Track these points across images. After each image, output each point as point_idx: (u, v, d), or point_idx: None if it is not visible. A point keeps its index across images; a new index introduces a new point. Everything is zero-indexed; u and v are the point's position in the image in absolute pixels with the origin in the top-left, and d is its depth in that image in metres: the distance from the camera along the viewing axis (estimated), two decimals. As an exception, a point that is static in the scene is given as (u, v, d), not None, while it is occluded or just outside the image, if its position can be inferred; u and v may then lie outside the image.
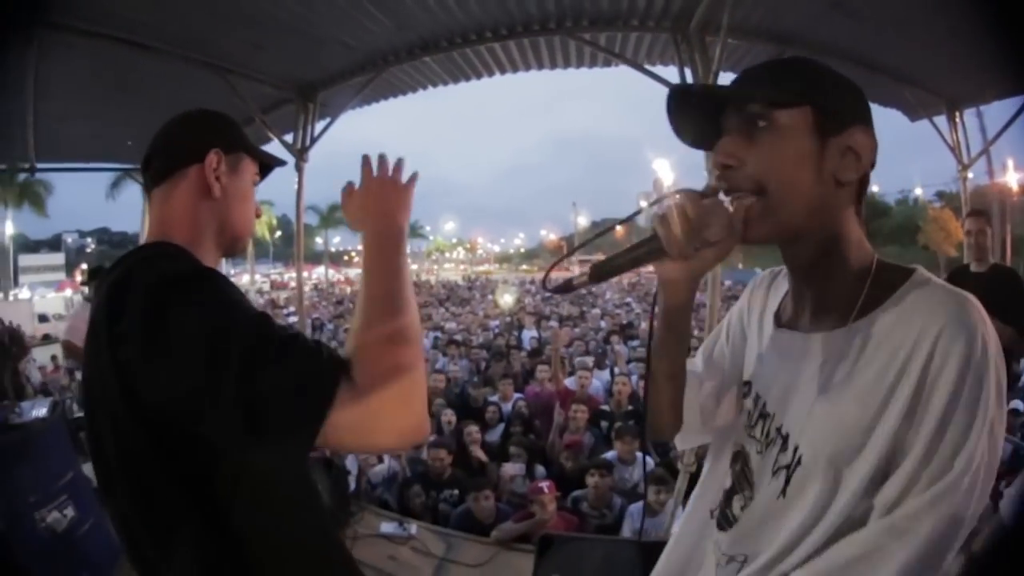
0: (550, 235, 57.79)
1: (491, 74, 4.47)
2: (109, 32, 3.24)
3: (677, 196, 0.73)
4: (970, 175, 5.13)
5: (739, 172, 0.73)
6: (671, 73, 3.60)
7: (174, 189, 0.94)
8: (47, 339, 14.49)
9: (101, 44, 3.28)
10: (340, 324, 11.39)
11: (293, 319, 12.36)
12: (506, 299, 15.05)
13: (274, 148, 4.53)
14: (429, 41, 3.83)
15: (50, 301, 22.17)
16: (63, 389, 6.81)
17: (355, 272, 41.46)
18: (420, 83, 4.67)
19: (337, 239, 42.55)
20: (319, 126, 4.58)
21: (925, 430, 0.63)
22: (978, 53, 3.34)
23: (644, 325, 9.49)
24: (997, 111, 5.02)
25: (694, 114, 0.80)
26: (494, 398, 5.39)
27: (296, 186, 4.57)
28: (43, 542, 2.28)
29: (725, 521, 0.85)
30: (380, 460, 3.90)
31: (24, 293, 22.04)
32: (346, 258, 47.69)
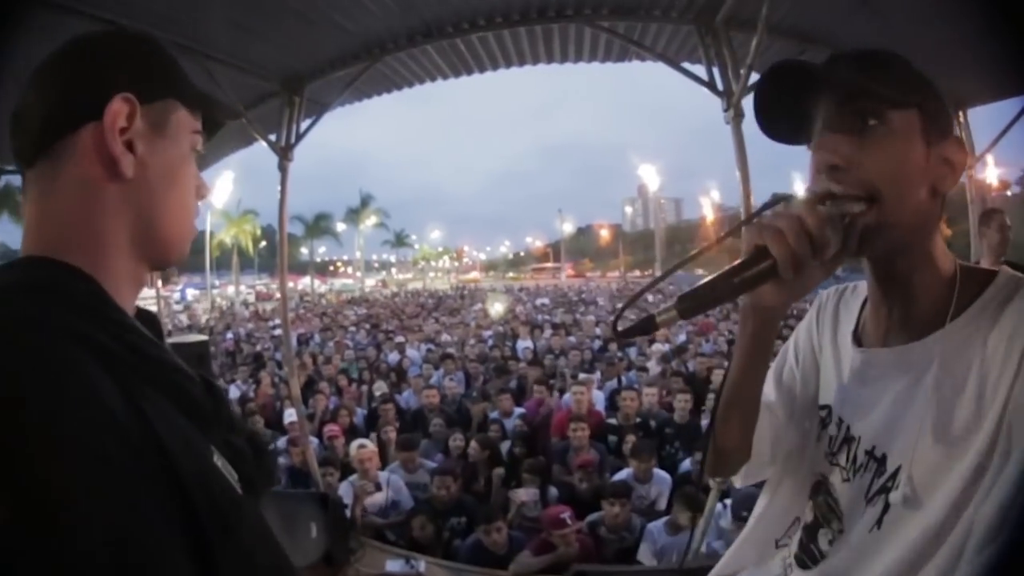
0: (536, 242, 58.06)
1: (495, 67, 4.21)
2: (71, 5, 2.90)
3: (788, 205, 0.68)
4: (973, 173, 5.12)
5: (850, 175, 0.67)
6: (697, 70, 3.46)
7: (57, 171, 0.57)
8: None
9: (65, 21, 2.94)
10: (328, 337, 11.06)
11: (279, 331, 12.08)
12: (497, 308, 15.02)
13: (253, 153, 4.24)
14: (433, 25, 3.54)
15: None
16: None
17: (340, 283, 41.38)
18: (417, 76, 4.39)
19: (323, 249, 42.41)
20: (304, 124, 4.29)
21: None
22: (985, 53, 3.24)
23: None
24: (986, 112, 5.00)
25: (789, 101, 0.73)
26: (494, 414, 5.19)
27: (280, 188, 4.28)
28: None
29: (810, 559, 0.79)
30: (377, 488, 3.64)
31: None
32: (332, 268, 47.41)
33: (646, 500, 3.56)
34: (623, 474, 3.68)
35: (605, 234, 54.89)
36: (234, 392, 7.25)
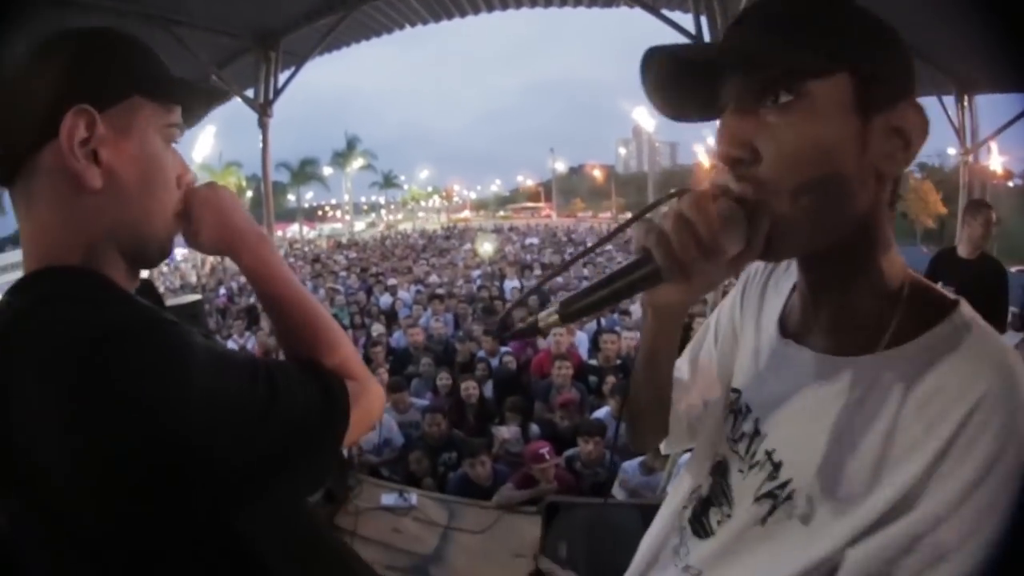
0: (527, 181, 57.18)
1: (477, 11, 4.16)
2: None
3: (676, 202, 0.55)
4: (969, 158, 5.14)
5: (754, 169, 0.55)
6: (686, 21, 3.36)
7: (31, 191, 0.59)
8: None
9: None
10: (319, 283, 11.16)
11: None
12: (486, 248, 14.99)
13: (234, 106, 4.19)
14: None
15: None
16: None
17: (329, 227, 40.91)
18: (396, 22, 4.34)
19: (310, 195, 41.48)
20: (283, 77, 4.21)
21: (938, 499, 0.50)
22: (996, 43, 3.23)
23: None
24: (997, 101, 5.00)
25: (682, 81, 0.59)
26: (481, 353, 5.38)
27: (261, 144, 4.25)
28: None
29: (702, 529, 0.75)
30: (371, 427, 3.85)
31: (-2, 296, 21.08)
32: (320, 213, 46.71)
33: (623, 439, 3.82)
34: (601, 413, 3.90)
35: (598, 175, 53.94)
36: (231, 347, 7.41)
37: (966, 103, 4.86)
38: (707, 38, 3.13)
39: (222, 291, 12.21)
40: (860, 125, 0.53)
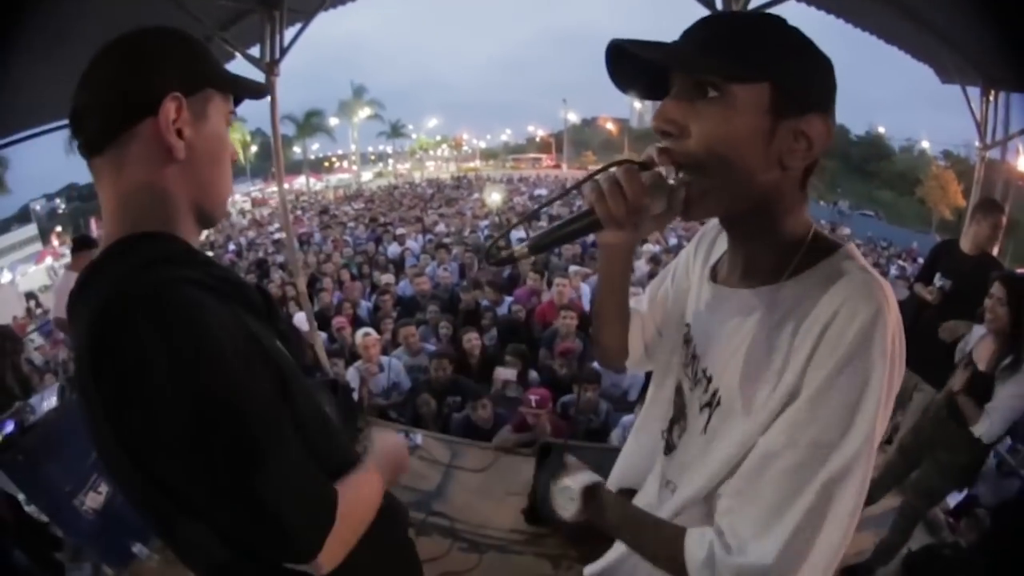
0: (538, 131, 55.98)
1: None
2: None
3: (615, 169, 0.73)
4: (989, 154, 4.91)
5: (680, 142, 0.71)
6: None
7: (124, 159, 0.73)
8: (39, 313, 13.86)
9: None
10: (328, 235, 11.24)
11: (280, 235, 12.20)
12: (494, 198, 14.88)
13: (239, 66, 4.12)
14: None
15: (33, 276, 21.10)
16: (65, 364, 6.77)
17: (336, 178, 40.54)
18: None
19: (316, 146, 40.85)
20: (289, 34, 4.05)
21: (815, 382, 0.65)
22: None
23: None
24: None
25: (638, 70, 0.74)
26: (486, 302, 5.48)
27: (270, 102, 4.16)
28: (89, 524, 2.43)
29: (669, 446, 0.93)
30: (380, 369, 4.05)
31: (5, 276, 21.21)
32: (326, 164, 46.18)
33: (620, 389, 3.95)
34: (597, 364, 4.02)
35: (611, 128, 52.66)
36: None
37: (991, 97, 4.61)
38: (719, 6, 3.10)
39: (231, 247, 12.35)
40: (770, 125, 0.68)
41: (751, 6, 2.99)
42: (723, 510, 0.71)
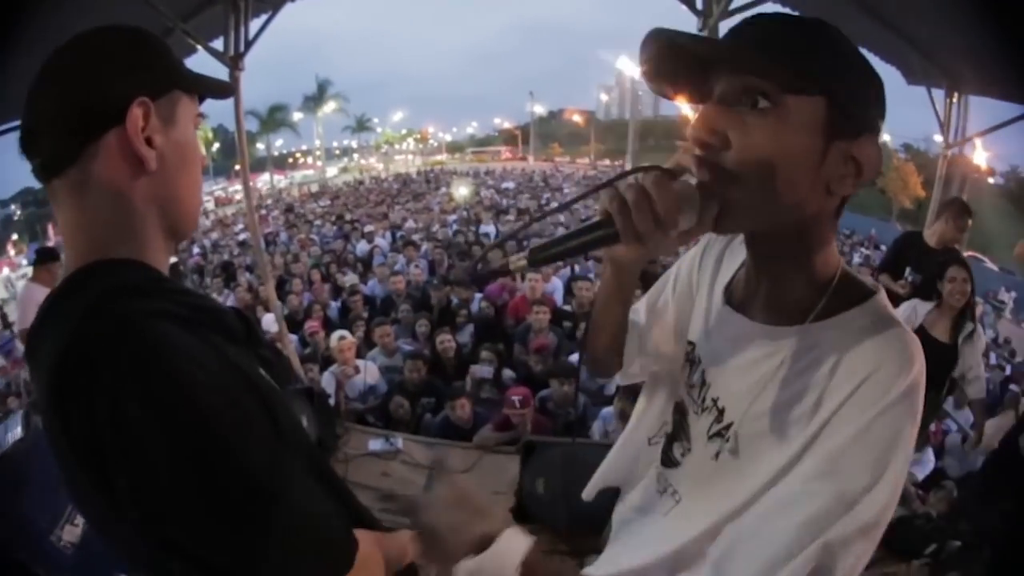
0: (504, 124, 55.81)
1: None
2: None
3: (641, 177, 0.63)
4: (950, 152, 5.18)
5: (721, 155, 0.63)
6: None
7: (87, 178, 0.65)
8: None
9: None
10: (293, 234, 11.02)
11: (244, 235, 11.89)
12: (461, 192, 14.82)
13: (201, 60, 3.96)
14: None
15: None
16: (28, 384, 6.39)
17: (301, 175, 39.60)
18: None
19: (279, 142, 39.66)
20: (254, 25, 3.86)
21: (847, 433, 0.61)
22: (991, 50, 3.31)
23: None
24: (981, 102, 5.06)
25: (677, 64, 0.66)
26: (457, 299, 5.45)
27: (234, 100, 3.94)
28: (68, 558, 2.30)
29: (669, 461, 0.88)
30: (356, 371, 4.01)
31: (-42, 287, 19.79)
32: (291, 160, 45.17)
33: (596, 384, 3.90)
34: (573, 358, 4.00)
35: (578, 120, 52.81)
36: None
37: (955, 99, 4.92)
38: (699, 6, 3.16)
39: (195, 249, 12.02)
40: (822, 145, 0.62)
41: (732, 6, 3.03)
42: (721, 549, 0.66)
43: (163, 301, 0.63)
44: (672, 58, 0.65)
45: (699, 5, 3.16)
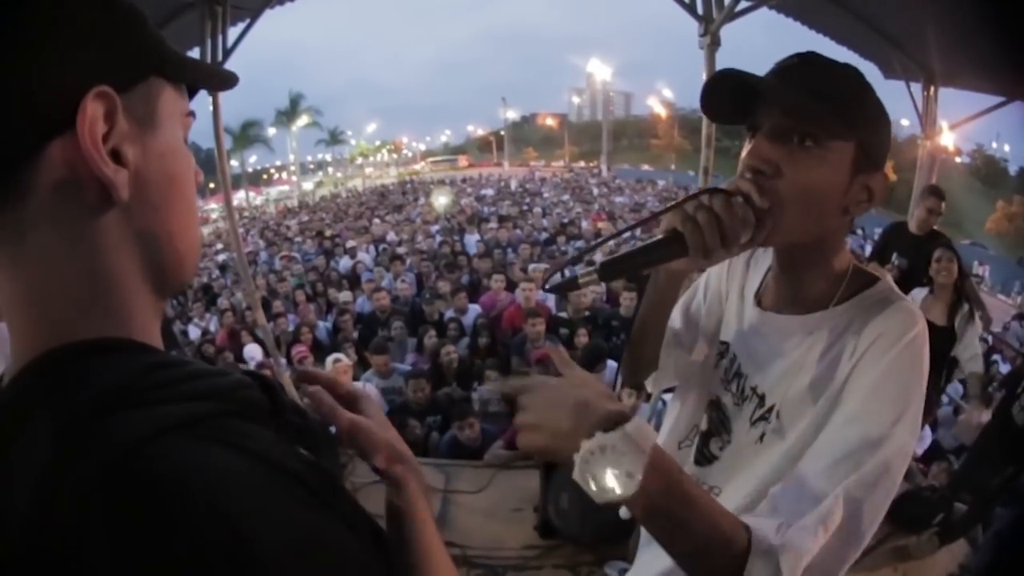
0: (478, 131, 55.93)
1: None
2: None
3: (707, 198, 0.73)
4: (928, 143, 5.37)
5: (770, 183, 0.74)
6: None
7: (23, 221, 0.41)
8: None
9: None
10: (275, 252, 10.82)
11: (222, 256, 11.64)
12: (441, 201, 14.75)
13: None
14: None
15: None
16: None
17: (276, 191, 39.19)
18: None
19: (253, 158, 39.08)
20: (232, 34, 3.70)
21: (865, 385, 0.73)
22: (971, 43, 3.48)
23: (586, 224, 9.83)
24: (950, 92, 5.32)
25: (736, 97, 0.78)
26: (450, 312, 5.38)
27: (211, 110, 3.71)
28: None
29: (703, 458, 0.96)
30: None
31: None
32: (265, 176, 44.62)
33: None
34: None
35: (551, 123, 53.25)
36: (194, 332, 7.04)
37: (931, 92, 5.15)
38: (700, 5, 3.19)
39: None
40: (848, 179, 0.76)
41: (737, 8, 3.04)
42: (767, 502, 0.72)
43: (166, 403, 0.40)
44: (727, 91, 0.78)
45: (699, 9, 3.16)
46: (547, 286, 0.87)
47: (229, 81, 0.58)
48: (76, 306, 0.43)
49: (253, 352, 4.72)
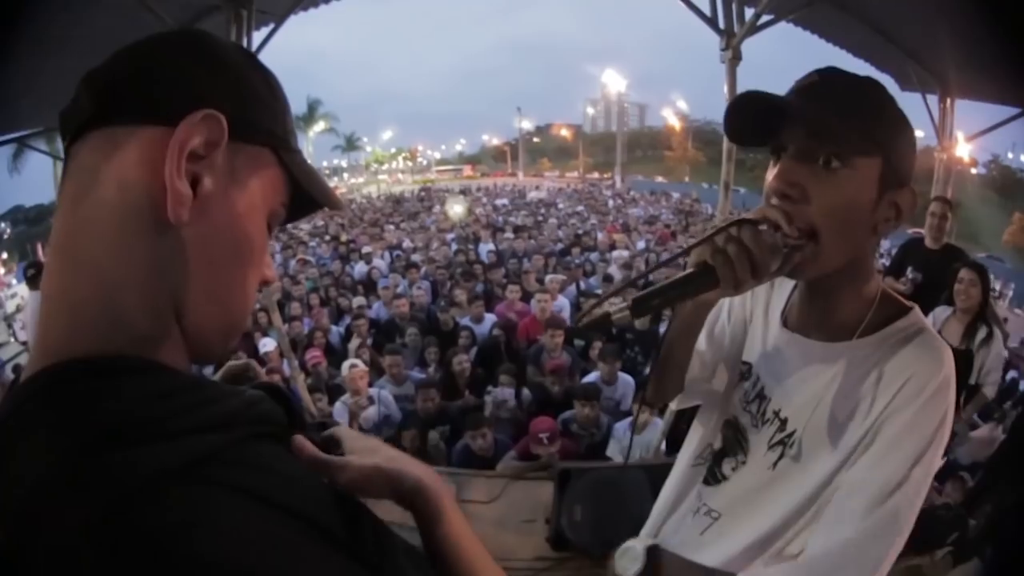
0: (492, 140, 56.23)
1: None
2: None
3: (736, 230, 0.72)
4: (944, 156, 5.36)
5: (799, 207, 0.73)
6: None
7: (99, 169, 0.42)
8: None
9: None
10: (289, 255, 10.87)
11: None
12: (456, 210, 14.81)
13: None
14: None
15: None
16: None
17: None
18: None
19: None
20: (257, 38, 3.68)
21: (892, 430, 0.74)
22: (987, 55, 3.49)
23: (601, 236, 9.81)
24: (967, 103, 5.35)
25: (759, 119, 0.77)
26: (464, 320, 5.37)
27: None
28: None
29: (713, 478, 0.95)
30: (371, 402, 3.90)
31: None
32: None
33: (612, 400, 3.95)
34: (592, 377, 4.03)
35: (565, 134, 53.44)
36: None
37: (947, 104, 5.15)
38: (721, 19, 3.16)
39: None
40: (876, 197, 0.75)
41: (759, 22, 3.04)
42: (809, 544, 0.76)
43: (172, 437, 0.37)
44: (750, 114, 0.76)
45: (720, 24, 3.15)
46: (580, 324, 0.81)
47: (335, 204, 0.55)
48: (96, 310, 0.41)
49: (266, 344, 4.74)
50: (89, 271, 0.41)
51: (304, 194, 0.51)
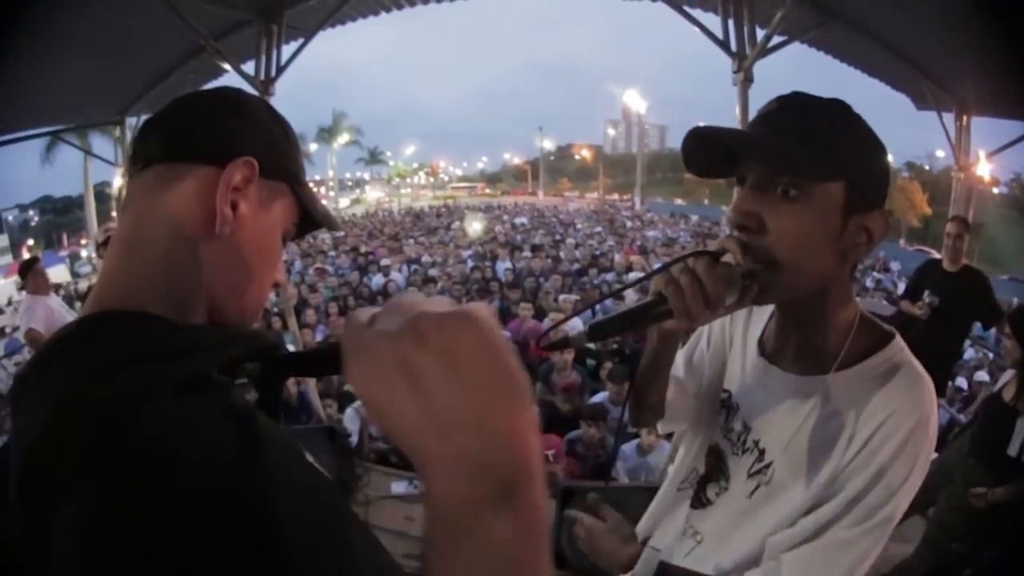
0: (514, 159, 56.68)
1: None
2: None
3: (691, 262, 0.72)
4: (962, 175, 5.31)
5: (757, 238, 0.73)
6: (712, 22, 3.34)
7: (159, 192, 0.57)
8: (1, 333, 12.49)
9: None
10: (309, 263, 11.03)
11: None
12: (475, 227, 14.87)
13: (232, 79, 3.99)
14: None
15: (1, 288, 18.97)
16: None
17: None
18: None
19: None
20: (286, 52, 3.86)
21: (862, 478, 0.74)
22: (997, 72, 3.47)
23: (618, 257, 9.80)
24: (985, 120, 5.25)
25: (714, 152, 0.78)
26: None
27: None
28: None
29: (699, 502, 0.96)
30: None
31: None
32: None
33: (615, 420, 3.86)
34: (600, 397, 4.00)
35: (586, 154, 53.75)
36: None
37: (964, 122, 5.05)
38: (733, 41, 3.19)
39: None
40: (841, 222, 0.73)
41: (770, 44, 3.05)
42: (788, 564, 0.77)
43: (172, 361, 0.49)
44: (709, 147, 0.76)
45: (732, 47, 3.18)
46: (540, 343, 0.82)
47: (332, 225, 0.72)
48: (147, 288, 0.55)
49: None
50: (145, 258, 0.56)
51: (310, 217, 0.68)
